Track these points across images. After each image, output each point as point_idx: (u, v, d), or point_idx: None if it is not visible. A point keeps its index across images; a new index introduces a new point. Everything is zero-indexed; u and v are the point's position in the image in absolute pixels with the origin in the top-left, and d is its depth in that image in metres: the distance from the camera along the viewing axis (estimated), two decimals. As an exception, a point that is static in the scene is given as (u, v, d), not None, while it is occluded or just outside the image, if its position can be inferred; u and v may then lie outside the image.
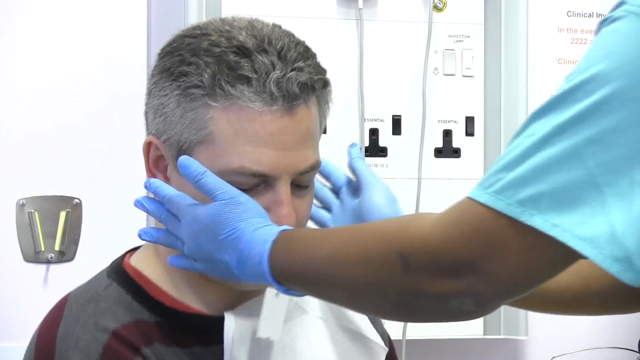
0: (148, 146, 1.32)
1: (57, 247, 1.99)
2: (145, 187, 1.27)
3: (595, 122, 0.96)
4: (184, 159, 1.24)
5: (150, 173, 1.32)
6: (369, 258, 1.08)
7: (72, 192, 2.01)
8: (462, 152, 2.16)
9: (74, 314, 1.29)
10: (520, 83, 2.16)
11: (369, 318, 1.46)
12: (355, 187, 1.40)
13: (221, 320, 1.31)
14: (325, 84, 1.33)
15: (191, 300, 1.33)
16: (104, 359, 1.23)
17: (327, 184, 1.43)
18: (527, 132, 1.00)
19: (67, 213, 1.99)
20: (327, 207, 1.42)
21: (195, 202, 1.24)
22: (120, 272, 1.33)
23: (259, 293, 1.35)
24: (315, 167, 1.31)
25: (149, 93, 1.32)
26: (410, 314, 1.09)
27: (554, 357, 2.20)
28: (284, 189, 1.27)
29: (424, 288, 1.03)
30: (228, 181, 1.25)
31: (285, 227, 1.20)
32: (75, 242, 2.00)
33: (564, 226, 0.96)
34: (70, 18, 2.01)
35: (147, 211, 1.28)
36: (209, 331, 1.30)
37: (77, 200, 2.00)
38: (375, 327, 1.46)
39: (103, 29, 2.01)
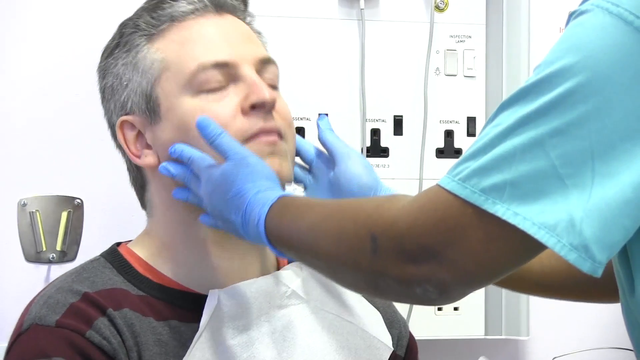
0: (121, 129, 1.39)
1: (58, 247, 1.99)
2: (170, 152, 1.32)
3: (559, 114, 0.98)
4: (202, 119, 1.30)
5: (134, 156, 1.37)
6: (343, 236, 1.10)
7: (73, 192, 2.01)
8: (464, 153, 2.16)
9: (56, 283, 1.36)
10: (522, 83, 2.16)
11: (386, 317, 1.46)
12: (327, 160, 1.42)
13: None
14: (245, 1, 1.43)
15: (185, 280, 1.37)
16: (68, 313, 1.29)
17: (297, 160, 1.45)
18: (495, 122, 1.02)
19: (69, 213, 1.99)
20: (301, 183, 1.44)
21: (214, 163, 1.27)
22: (111, 251, 1.40)
23: (253, 273, 1.37)
24: (273, 62, 1.39)
25: (103, 89, 1.40)
26: (380, 293, 1.10)
27: (555, 358, 2.20)
28: (250, 71, 1.34)
29: (390, 272, 1.05)
30: (196, 84, 1.32)
31: (286, 192, 1.24)
32: (77, 242, 2.00)
33: (525, 214, 0.98)
34: (73, 17, 2.01)
35: (172, 175, 1.33)
36: (194, 308, 1.33)
37: (78, 200, 2.00)
38: (391, 327, 1.47)
39: (106, 28, 2.01)
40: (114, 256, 1.40)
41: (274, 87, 1.39)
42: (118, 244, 1.44)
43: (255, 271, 1.38)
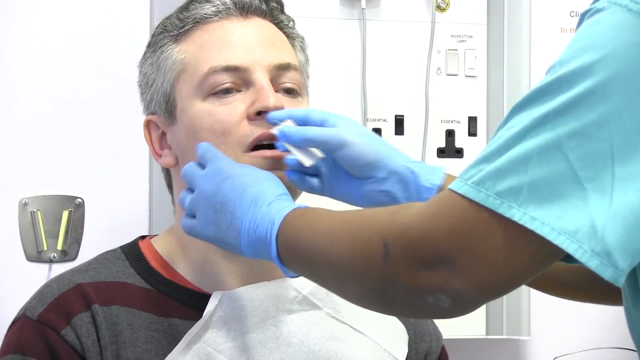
0: (148, 127, 1.39)
1: (59, 247, 1.99)
2: (197, 149, 1.30)
3: (577, 115, 0.95)
4: (201, 145, 1.29)
5: (157, 155, 1.38)
6: (357, 241, 1.05)
7: (74, 191, 2.01)
8: (465, 152, 2.16)
9: (65, 271, 1.40)
10: (523, 83, 2.16)
11: (416, 330, 1.44)
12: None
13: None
14: (280, 4, 1.41)
15: (197, 279, 1.36)
16: (54, 304, 1.32)
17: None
18: (509, 125, 0.98)
19: (70, 212, 1.99)
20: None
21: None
22: (131, 245, 1.41)
23: (265, 279, 1.37)
24: (293, 67, 1.35)
25: (140, 83, 1.40)
26: (388, 305, 1.05)
27: (556, 358, 2.20)
28: (262, 76, 1.32)
29: (400, 279, 1.00)
30: (206, 87, 1.32)
31: (300, 205, 1.19)
32: (78, 242, 2.00)
33: (543, 219, 0.94)
34: (74, 17, 2.01)
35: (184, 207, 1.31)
36: (200, 308, 1.33)
37: (79, 200, 2.00)
38: (420, 341, 1.44)
39: (106, 27, 2.01)
40: (132, 249, 1.41)
41: (292, 93, 1.36)
42: (143, 237, 1.45)
43: (269, 276, 1.37)
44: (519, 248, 0.96)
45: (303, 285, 1.37)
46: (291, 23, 1.42)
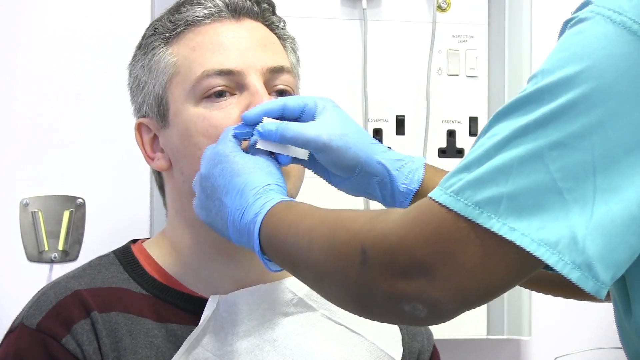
0: (139, 130, 1.38)
1: (60, 247, 1.99)
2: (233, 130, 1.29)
3: (559, 126, 0.94)
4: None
5: (149, 158, 1.37)
6: (335, 244, 1.04)
7: (75, 191, 2.01)
8: (466, 153, 2.16)
9: (59, 277, 1.37)
10: (524, 83, 2.16)
11: (408, 329, 1.44)
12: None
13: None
14: (271, 5, 1.39)
15: (192, 283, 1.36)
16: (52, 312, 1.31)
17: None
18: (490, 133, 0.97)
19: (71, 213, 1.99)
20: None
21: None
22: (124, 249, 1.40)
23: (260, 282, 1.37)
24: (287, 70, 1.35)
25: (131, 85, 1.39)
26: (366, 310, 1.05)
27: (557, 358, 2.20)
28: (255, 80, 1.31)
29: (378, 286, 0.99)
30: (200, 91, 1.32)
31: (288, 198, 1.19)
32: (79, 242, 2.00)
33: (522, 230, 0.93)
34: (74, 17, 2.01)
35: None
36: (197, 312, 1.32)
37: (80, 200, 2.00)
38: (413, 340, 1.44)
39: (106, 27, 2.01)
40: (125, 253, 1.40)
41: (285, 95, 1.36)
42: (134, 241, 1.44)
43: (265, 279, 1.37)
44: (497, 258, 0.95)
45: (298, 287, 1.37)
46: (282, 24, 1.41)
